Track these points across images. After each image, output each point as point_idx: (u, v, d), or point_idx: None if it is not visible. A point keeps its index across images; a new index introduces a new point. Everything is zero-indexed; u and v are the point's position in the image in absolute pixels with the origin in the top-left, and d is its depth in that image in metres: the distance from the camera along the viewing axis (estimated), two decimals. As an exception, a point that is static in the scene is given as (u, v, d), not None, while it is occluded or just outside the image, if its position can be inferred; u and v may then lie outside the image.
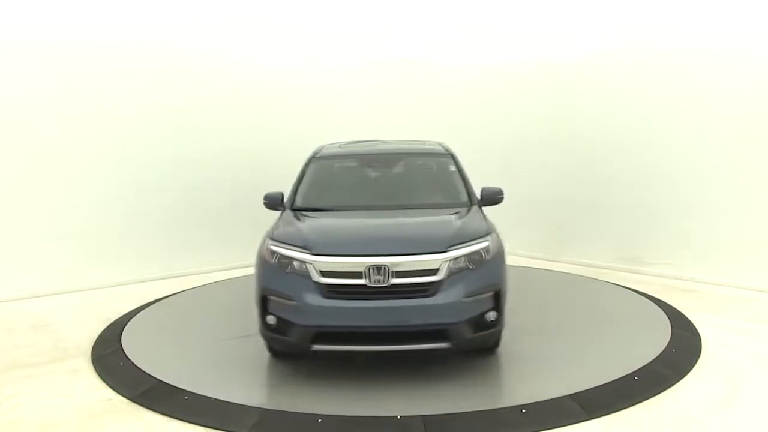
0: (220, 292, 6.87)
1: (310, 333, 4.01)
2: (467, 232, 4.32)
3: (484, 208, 5.12)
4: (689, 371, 4.23)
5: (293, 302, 4.05)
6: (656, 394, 3.85)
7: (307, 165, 5.64)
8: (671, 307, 5.81)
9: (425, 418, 3.54)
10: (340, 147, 6.07)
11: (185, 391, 4.02)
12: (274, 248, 4.34)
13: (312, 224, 4.75)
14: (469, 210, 4.88)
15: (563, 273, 7.43)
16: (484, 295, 4.09)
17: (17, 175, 6.75)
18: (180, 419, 3.65)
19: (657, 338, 4.86)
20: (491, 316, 4.12)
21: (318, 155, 5.79)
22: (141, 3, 7.46)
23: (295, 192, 5.36)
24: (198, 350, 4.97)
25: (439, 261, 4.03)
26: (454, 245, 4.13)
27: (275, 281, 4.23)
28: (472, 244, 4.19)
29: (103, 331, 5.43)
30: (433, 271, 4.02)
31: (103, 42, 7.18)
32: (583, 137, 7.89)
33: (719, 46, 6.63)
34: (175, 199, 7.62)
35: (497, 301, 4.14)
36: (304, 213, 4.99)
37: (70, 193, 7.06)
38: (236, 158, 8.10)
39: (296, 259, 4.16)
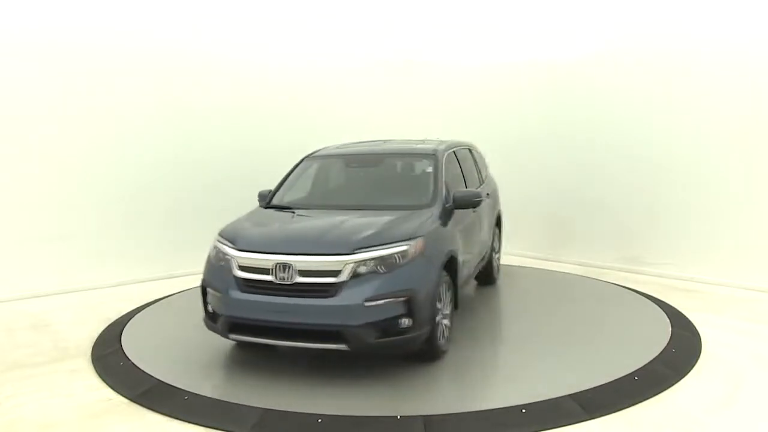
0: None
1: (228, 323, 4.28)
2: (387, 235, 4.21)
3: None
4: (689, 371, 4.23)
5: (219, 294, 4.30)
6: (656, 394, 3.85)
7: (297, 164, 5.81)
8: (671, 307, 5.81)
9: (425, 418, 3.54)
10: (337, 147, 6.15)
11: (185, 391, 4.02)
12: (216, 243, 4.62)
13: (253, 221, 4.92)
14: (420, 212, 4.66)
15: (563, 273, 7.43)
16: (392, 300, 3.99)
17: (17, 175, 6.75)
18: (180, 419, 3.66)
19: (657, 338, 4.85)
20: (404, 322, 4.02)
21: (310, 155, 5.93)
22: (141, 3, 7.46)
23: (275, 190, 5.53)
24: (198, 350, 4.97)
25: (342, 263, 4.02)
26: (364, 248, 4.09)
27: (211, 274, 4.49)
28: (386, 248, 4.10)
29: (103, 331, 5.43)
30: (335, 273, 4.02)
31: (103, 42, 7.18)
32: (583, 137, 7.89)
33: (719, 46, 6.62)
34: (175, 199, 7.62)
35: (410, 307, 4.02)
36: (269, 210, 5.22)
37: (70, 193, 7.06)
38: (236, 158, 8.10)
39: (226, 254, 4.39)
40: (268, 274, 4.13)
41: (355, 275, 4.02)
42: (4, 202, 6.68)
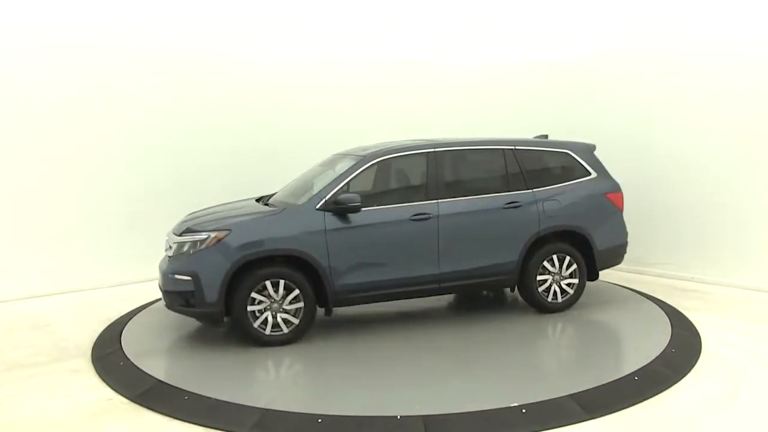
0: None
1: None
2: (201, 226, 5.06)
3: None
4: (689, 371, 4.23)
5: None
6: (656, 394, 3.85)
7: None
8: (671, 307, 5.82)
9: (425, 418, 3.54)
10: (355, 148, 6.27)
11: (185, 391, 4.02)
12: None
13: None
14: (278, 209, 5.19)
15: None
16: (185, 278, 4.85)
17: (17, 175, 6.75)
18: (180, 419, 3.66)
19: (657, 338, 4.86)
20: (196, 298, 4.84)
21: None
22: (142, 3, 7.46)
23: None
24: (198, 350, 4.98)
25: (173, 242, 5.11)
26: (185, 233, 5.04)
27: None
28: (194, 235, 4.96)
29: (103, 331, 5.44)
30: (170, 249, 5.12)
31: (102, 42, 7.18)
32: (584, 137, 7.88)
33: (720, 46, 6.63)
34: (175, 199, 7.60)
35: (196, 286, 4.79)
36: (244, 202, 5.92)
37: (70, 193, 7.07)
38: (238, 159, 8.10)
39: None
40: None
41: (179, 253, 4.99)
42: (5, 203, 6.69)
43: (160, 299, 6.46)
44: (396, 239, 5.19)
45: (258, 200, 5.82)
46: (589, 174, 5.93)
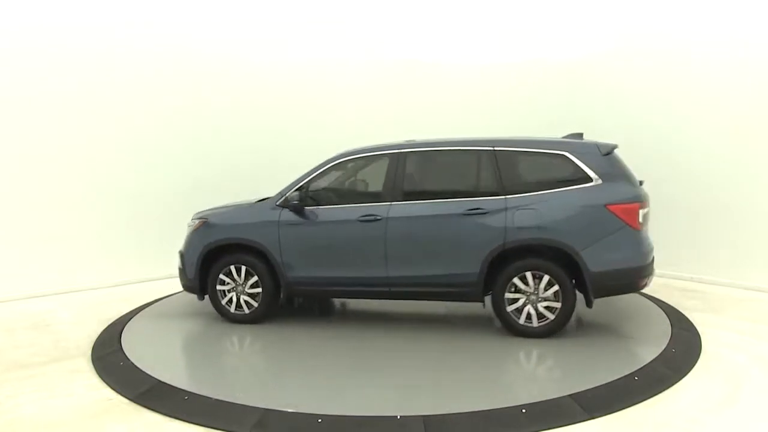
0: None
1: None
2: (197, 215, 5.87)
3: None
4: (689, 371, 4.23)
5: None
6: (656, 394, 3.85)
7: None
8: (671, 307, 5.83)
9: (425, 418, 3.53)
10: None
11: (185, 391, 4.02)
12: None
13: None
14: (251, 202, 5.83)
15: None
16: (181, 253, 5.81)
17: (18, 175, 6.75)
18: (180, 419, 3.65)
19: (657, 338, 4.86)
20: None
21: None
22: (154, 5, 7.46)
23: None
24: (198, 350, 4.97)
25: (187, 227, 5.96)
26: (192, 220, 5.88)
27: None
28: (192, 222, 5.84)
29: (103, 331, 5.44)
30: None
31: (104, 43, 7.18)
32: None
33: (720, 45, 6.63)
34: (175, 199, 7.63)
35: (182, 263, 5.77)
36: None
37: (70, 193, 7.07)
38: (237, 159, 8.10)
39: None
40: None
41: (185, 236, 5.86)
42: (5, 202, 6.69)
43: (160, 299, 6.54)
44: (343, 239, 5.27)
45: (263, 200, 5.84)
46: (590, 180, 4.88)
